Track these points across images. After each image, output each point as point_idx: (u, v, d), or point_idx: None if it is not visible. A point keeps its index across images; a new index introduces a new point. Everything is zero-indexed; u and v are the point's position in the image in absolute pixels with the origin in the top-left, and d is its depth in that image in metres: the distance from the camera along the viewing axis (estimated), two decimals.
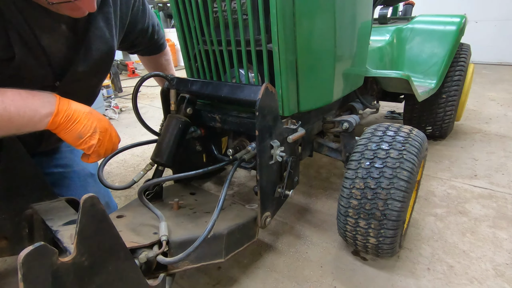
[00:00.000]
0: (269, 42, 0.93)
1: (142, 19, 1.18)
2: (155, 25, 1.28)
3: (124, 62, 5.60)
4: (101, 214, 0.58)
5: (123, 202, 1.66)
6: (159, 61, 1.44)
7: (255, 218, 1.03)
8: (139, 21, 1.17)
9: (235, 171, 0.97)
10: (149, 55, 1.41)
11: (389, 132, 1.06)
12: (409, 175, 0.95)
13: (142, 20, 1.18)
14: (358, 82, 1.41)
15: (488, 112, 2.83)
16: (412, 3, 2.64)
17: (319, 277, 1.14)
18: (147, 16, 1.20)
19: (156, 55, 1.42)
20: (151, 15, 1.23)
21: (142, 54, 1.41)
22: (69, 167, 1.17)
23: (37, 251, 0.49)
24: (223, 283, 1.13)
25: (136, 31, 1.18)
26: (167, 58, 1.46)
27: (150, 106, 3.60)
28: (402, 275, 1.13)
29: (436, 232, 1.34)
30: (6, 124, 0.71)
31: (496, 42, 5.26)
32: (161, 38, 1.37)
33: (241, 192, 1.73)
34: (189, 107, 1.11)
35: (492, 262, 1.17)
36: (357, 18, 1.19)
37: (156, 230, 0.88)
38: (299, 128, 1.05)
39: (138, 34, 1.20)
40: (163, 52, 1.43)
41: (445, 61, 1.90)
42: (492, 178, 1.75)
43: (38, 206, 0.91)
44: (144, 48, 1.33)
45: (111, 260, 0.62)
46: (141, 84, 1.06)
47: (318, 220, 1.46)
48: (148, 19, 1.21)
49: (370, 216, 0.99)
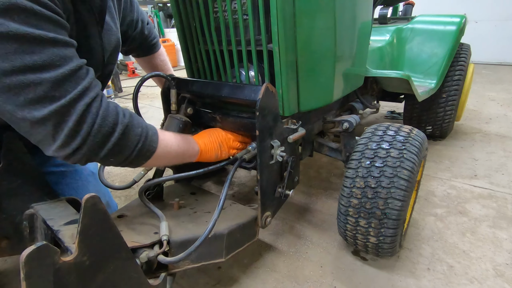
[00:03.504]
0: (270, 42, 0.93)
1: (131, 13, 1.19)
2: (144, 21, 1.29)
3: (124, 62, 5.60)
4: (103, 214, 0.58)
5: (123, 202, 1.66)
6: (154, 62, 1.44)
7: (255, 218, 1.03)
8: (128, 14, 1.18)
9: (235, 171, 0.97)
10: (144, 55, 1.42)
11: (389, 132, 1.06)
12: (410, 174, 0.96)
13: (130, 13, 1.19)
14: (358, 82, 1.42)
15: (488, 112, 2.83)
16: (412, 3, 2.64)
17: (319, 277, 1.14)
18: (135, 10, 1.21)
19: (150, 56, 1.42)
20: (139, 10, 1.25)
21: (137, 54, 1.42)
22: (70, 166, 1.17)
23: (39, 250, 0.49)
24: (223, 283, 1.13)
25: (124, 24, 1.18)
26: (162, 59, 1.47)
27: (150, 106, 3.60)
28: (402, 275, 1.13)
29: (436, 232, 1.34)
30: (177, 157, 0.92)
31: (496, 42, 5.26)
32: (153, 37, 1.38)
33: (241, 192, 1.74)
34: (190, 107, 1.11)
35: (492, 262, 1.17)
36: (357, 18, 1.19)
37: (156, 230, 0.88)
38: (300, 128, 1.06)
39: (127, 26, 1.20)
40: (158, 52, 1.44)
41: (445, 61, 1.90)
42: (492, 178, 1.75)
43: (39, 205, 0.91)
44: (136, 46, 1.34)
45: (113, 260, 0.63)
46: (141, 84, 1.07)
47: (318, 220, 1.46)
48: (137, 13, 1.23)
49: (370, 215, 0.99)
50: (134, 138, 0.77)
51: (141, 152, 0.79)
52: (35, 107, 0.62)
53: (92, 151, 0.71)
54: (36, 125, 0.64)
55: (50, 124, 0.64)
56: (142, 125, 0.80)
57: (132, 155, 0.78)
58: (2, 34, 0.56)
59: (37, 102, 0.62)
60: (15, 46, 0.57)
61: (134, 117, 0.79)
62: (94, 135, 0.69)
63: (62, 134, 0.66)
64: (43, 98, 0.62)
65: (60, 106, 0.63)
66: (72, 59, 0.67)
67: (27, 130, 0.66)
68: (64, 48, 0.65)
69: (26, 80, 0.60)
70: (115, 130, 0.73)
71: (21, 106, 0.61)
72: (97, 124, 0.69)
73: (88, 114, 0.68)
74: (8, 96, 0.60)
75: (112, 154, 0.74)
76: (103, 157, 0.73)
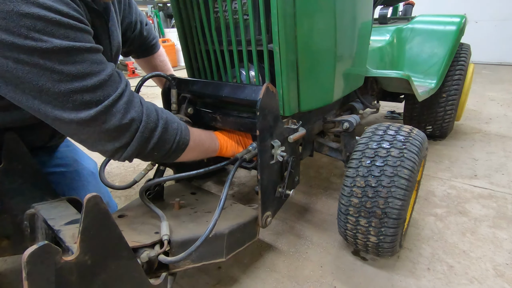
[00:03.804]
0: (270, 42, 0.93)
1: (130, 14, 1.21)
2: (143, 22, 1.30)
3: (124, 62, 5.60)
4: (104, 214, 0.58)
5: (123, 202, 1.66)
6: (154, 62, 1.45)
7: (256, 218, 1.03)
8: (126, 16, 1.19)
9: (236, 171, 0.98)
10: (143, 56, 1.42)
11: (390, 132, 1.06)
12: (410, 174, 0.96)
13: (129, 15, 1.20)
14: (358, 82, 1.42)
15: (488, 112, 2.84)
16: (412, 3, 2.64)
17: (319, 277, 1.14)
18: (134, 11, 1.23)
19: (150, 57, 1.43)
20: (138, 12, 1.26)
21: (137, 56, 1.42)
22: (69, 167, 1.17)
23: (41, 250, 0.49)
24: (223, 283, 1.13)
25: (123, 25, 1.19)
26: (162, 59, 1.47)
27: None
28: (402, 275, 1.13)
29: (436, 232, 1.35)
30: (203, 151, 0.98)
31: (496, 42, 5.26)
32: (152, 38, 1.39)
33: (241, 192, 1.74)
34: (190, 107, 1.12)
35: (492, 262, 1.17)
36: (357, 18, 1.19)
37: (157, 230, 0.88)
38: (300, 128, 1.06)
39: (125, 27, 1.21)
40: (157, 53, 1.44)
41: (445, 61, 1.90)
42: (492, 178, 1.75)
43: (40, 205, 0.91)
44: (136, 48, 1.35)
45: (114, 259, 0.63)
46: (142, 84, 1.07)
47: (318, 220, 1.46)
48: (136, 14, 1.24)
49: (370, 215, 0.99)
50: (173, 131, 0.84)
51: (178, 144, 0.86)
52: (82, 111, 0.68)
53: (142, 145, 0.77)
54: (82, 126, 0.69)
55: (96, 124, 0.70)
56: (176, 120, 0.87)
57: (172, 147, 0.84)
58: (48, 50, 0.61)
59: (84, 107, 0.68)
60: (60, 58, 0.63)
61: (168, 113, 0.86)
62: (142, 131, 0.76)
63: (110, 132, 0.72)
64: (89, 103, 0.68)
65: (104, 107, 0.69)
66: (106, 64, 0.72)
67: (73, 131, 0.71)
68: (98, 54, 0.71)
69: (73, 87, 0.65)
70: (158, 125, 0.80)
71: (69, 111, 0.67)
72: (144, 120, 0.76)
73: (134, 112, 0.75)
74: (57, 104, 0.66)
75: (157, 148, 0.81)
76: (150, 150, 0.80)
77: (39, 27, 0.59)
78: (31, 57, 0.60)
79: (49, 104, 0.65)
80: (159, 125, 0.80)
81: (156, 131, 0.79)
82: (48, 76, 0.62)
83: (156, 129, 0.79)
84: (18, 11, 0.57)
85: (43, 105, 0.66)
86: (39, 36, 0.60)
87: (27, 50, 0.60)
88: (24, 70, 0.61)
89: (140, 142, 0.76)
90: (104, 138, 0.73)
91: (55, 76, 0.63)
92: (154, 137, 0.79)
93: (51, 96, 0.65)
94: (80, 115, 0.67)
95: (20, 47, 0.59)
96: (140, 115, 0.76)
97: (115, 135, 0.73)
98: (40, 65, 0.61)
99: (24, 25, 0.58)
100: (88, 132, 0.71)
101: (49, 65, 0.62)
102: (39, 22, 0.59)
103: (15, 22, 0.58)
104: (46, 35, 0.60)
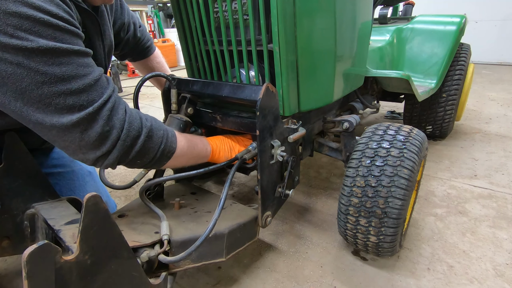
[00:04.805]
0: (270, 42, 0.94)
1: (122, 15, 1.20)
2: (136, 24, 1.30)
3: (124, 62, 5.61)
4: (104, 213, 0.58)
5: (123, 202, 1.66)
6: (151, 64, 1.44)
7: (255, 218, 1.03)
8: (119, 17, 1.19)
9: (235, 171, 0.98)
10: (139, 59, 1.42)
11: (389, 131, 1.06)
12: (410, 173, 0.96)
13: (121, 16, 1.20)
14: (358, 82, 1.42)
15: (488, 112, 2.84)
16: (412, 3, 2.64)
17: (319, 277, 1.14)
18: (126, 12, 1.22)
19: (146, 59, 1.42)
20: (130, 13, 1.26)
21: (133, 58, 1.42)
22: (67, 167, 1.17)
23: (41, 249, 0.49)
24: (223, 283, 1.13)
25: (116, 26, 1.19)
26: (158, 60, 1.47)
27: (150, 106, 3.60)
28: (402, 275, 1.13)
29: (436, 232, 1.35)
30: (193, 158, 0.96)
31: (496, 42, 5.26)
32: (147, 40, 1.38)
33: (241, 192, 1.74)
34: (190, 107, 1.12)
35: (492, 262, 1.17)
36: (357, 18, 1.19)
37: (157, 230, 0.88)
38: (300, 128, 1.06)
39: (118, 28, 1.21)
40: (153, 55, 1.44)
41: (445, 61, 1.90)
42: (492, 178, 1.75)
43: (40, 205, 0.91)
44: (131, 50, 1.34)
45: (114, 259, 0.63)
46: (142, 84, 1.07)
47: (318, 220, 1.46)
48: (128, 16, 1.24)
49: (370, 214, 0.99)
50: (157, 139, 0.82)
51: (163, 152, 0.84)
52: (64, 115, 0.66)
53: (123, 154, 0.76)
54: (64, 132, 0.67)
55: (77, 130, 0.68)
56: (162, 127, 0.86)
57: (156, 156, 0.83)
58: (33, 49, 0.59)
59: (66, 111, 0.66)
60: (45, 59, 0.61)
61: (154, 120, 0.84)
62: (124, 139, 0.74)
63: (91, 139, 0.70)
64: (72, 107, 0.66)
65: (87, 113, 0.68)
66: (93, 68, 0.71)
67: (53, 137, 0.69)
68: (86, 58, 0.69)
69: (57, 90, 0.64)
70: (141, 133, 0.78)
71: (51, 114, 0.65)
72: (125, 128, 0.74)
73: (116, 120, 0.73)
74: (39, 106, 0.64)
75: (140, 156, 0.79)
76: (132, 159, 0.78)
77: (26, 26, 0.58)
78: (15, 57, 0.59)
79: (31, 106, 0.63)
80: (142, 133, 0.78)
81: (139, 139, 0.77)
82: (31, 76, 0.61)
83: (139, 137, 0.77)
84: (6, 10, 0.56)
85: (25, 108, 0.64)
86: (25, 35, 0.58)
87: (12, 48, 0.58)
88: (7, 70, 0.59)
89: (121, 150, 0.74)
90: (85, 146, 0.71)
91: (39, 77, 0.61)
92: (137, 145, 0.77)
93: (34, 98, 0.63)
94: (62, 120, 0.65)
95: (5, 45, 0.57)
96: (122, 123, 0.74)
97: (96, 144, 0.71)
98: (24, 65, 0.60)
99: (10, 23, 0.57)
100: (69, 139, 0.69)
101: (33, 66, 0.60)
102: (26, 21, 0.58)
103: (2, 21, 0.56)
104: (33, 35, 0.59)
